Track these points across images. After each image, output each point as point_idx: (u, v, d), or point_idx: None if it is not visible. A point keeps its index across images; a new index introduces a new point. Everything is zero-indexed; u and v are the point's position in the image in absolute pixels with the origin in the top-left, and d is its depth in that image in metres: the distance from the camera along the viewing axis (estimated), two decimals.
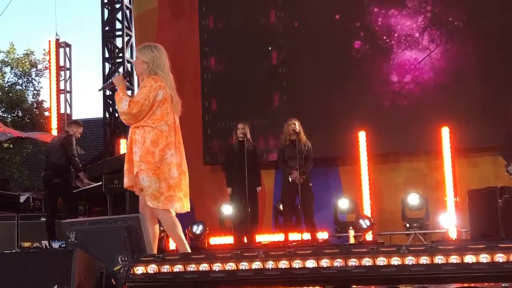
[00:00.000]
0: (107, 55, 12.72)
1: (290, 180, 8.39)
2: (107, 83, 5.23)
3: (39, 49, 23.75)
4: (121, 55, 12.68)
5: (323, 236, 9.11)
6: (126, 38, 12.70)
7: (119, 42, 12.76)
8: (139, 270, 3.68)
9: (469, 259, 3.37)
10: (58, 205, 8.96)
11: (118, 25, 12.77)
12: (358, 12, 10.48)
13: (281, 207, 9.17)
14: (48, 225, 8.66)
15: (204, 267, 3.63)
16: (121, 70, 12.54)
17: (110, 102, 12.27)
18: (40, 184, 10.83)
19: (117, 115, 11.62)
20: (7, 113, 16.83)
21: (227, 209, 9.35)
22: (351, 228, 9.16)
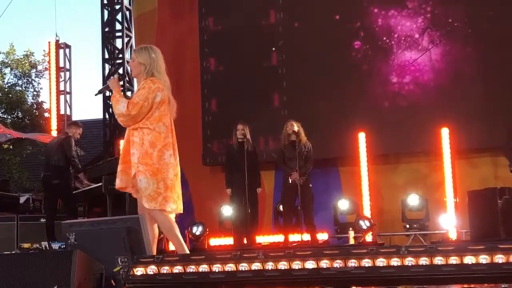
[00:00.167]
0: (107, 56, 12.73)
1: (290, 181, 8.39)
2: (104, 87, 5.24)
3: (39, 50, 23.90)
4: (121, 56, 12.69)
5: (323, 237, 9.10)
6: (126, 39, 12.71)
7: (119, 43, 12.77)
8: (138, 271, 3.68)
9: (468, 260, 3.37)
10: (57, 206, 8.96)
11: (118, 26, 12.77)
12: (358, 13, 10.48)
13: (281, 208, 9.17)
14: (47, 226, 8.66)
15: (203, 268, 3.63)
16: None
17: (110, 103, 12.21)
18: (40, 185, 10.81)
19: None
20: (7, 114, 16.80)
21: (227, 210, 9.35)
22: (351, 229, 9.15)
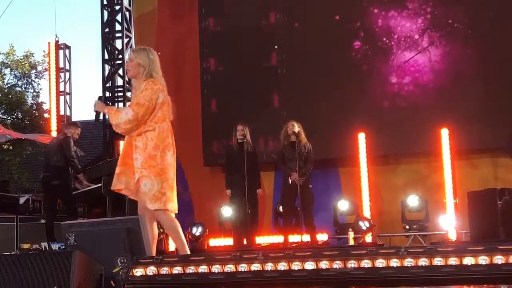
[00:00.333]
0: (106, 56, 12.71)
1: (289, 181, 8.38)
2: (96, 113, 5.25)
3: (38, 51, 23.86)
4: (120, 56, 12.66)
5: (322, 237, 9.08)
6: (125, 40, 12.68)
7: (118, 44, 12.75)
8: (138, 272, 3.69)
9: (468, 261, 3.37)
10: (57, 207, 8.96)
11: (118, 27, 12.75)
12: (358, 13, 10.47)
13: (280, 208, 9.16)
14: (47, 226, 8.65)
15: (203, 268, 3.63)
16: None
17: (110, 104, 12.24)
18: (40, 186, 10.82)
19: None
20: (6, 114, 16.80)
21: (227, 211, 9.34)
22: (350, 229, 9.14)
